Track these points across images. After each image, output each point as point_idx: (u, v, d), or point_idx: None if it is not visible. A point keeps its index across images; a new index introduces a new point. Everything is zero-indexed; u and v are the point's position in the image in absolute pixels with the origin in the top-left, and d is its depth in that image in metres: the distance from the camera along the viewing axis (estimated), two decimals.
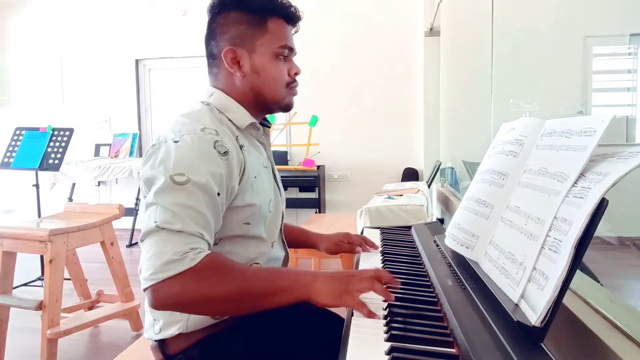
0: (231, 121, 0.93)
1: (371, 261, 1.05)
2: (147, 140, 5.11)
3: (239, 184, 0.87)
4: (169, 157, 0.79)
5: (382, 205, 1.82)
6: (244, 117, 0.94)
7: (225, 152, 0.83)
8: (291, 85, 0.98)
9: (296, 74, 0.98)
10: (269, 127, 1.07)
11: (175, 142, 0.81)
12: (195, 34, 4.74)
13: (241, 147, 0.89)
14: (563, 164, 0.63)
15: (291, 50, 0.97)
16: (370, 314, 0.70)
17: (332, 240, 1.18)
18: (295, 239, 1.21)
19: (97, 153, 4.95)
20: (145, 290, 0.72)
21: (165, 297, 0.71)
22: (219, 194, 0.81)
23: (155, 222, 0.74)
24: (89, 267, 2.72)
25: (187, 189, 0.77)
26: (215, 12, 0.95)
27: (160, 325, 0.89)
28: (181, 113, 0.91)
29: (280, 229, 1.04)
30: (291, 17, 0.97)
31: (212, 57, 0.96)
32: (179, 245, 0.72)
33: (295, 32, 1.01)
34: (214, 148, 0.81)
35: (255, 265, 0.93)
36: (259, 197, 0.91)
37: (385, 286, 0.76)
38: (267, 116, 1.05)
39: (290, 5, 0.96)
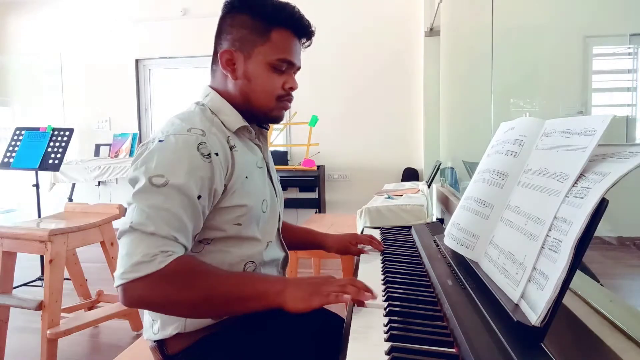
0: (223, 123, 0.92)
1: (372, 261, 1.05)
2: None
3: (227, 184, 0.86)
4: (152, 158, 0.80)
5: (382, 205, 1.82)
6: (236, 120, 0.93)
7: (208, 154, 0.82)
8: (283, 98, 0.95)
9: (291, 88, 0.95)
10: (267, 129, 1.07)
11: (160, 141, 0.82)
12: (195, 34, 4.74)
13: (232, 147, 0.89)
14: (563, 164, 0.63)
15: (291, 64, 0.94)
16: (343, 300, 0.72)
17: (341, 241, 1.18)
18: (302, 240, 1.21)
19: (97, 153, 4.95)
20: (116, 288, 0.74)
21: (133, 296, 0.73)
22: (199, 197, 0.80)
23: (131, 222, 0.75)
24: (89, 267, 2.72)
25: (164, 192, 0.77)
26: (226, 12, 0.94)
27: (159, 325, 0.89)
28: (174, 114, 0.92)
29: (278, 230, 1.04)
30: (301, 32, 0.94)
31: (214, 54, 0.96)
32: (149, 247, 0.73)
33: (307, 46, 0.98)
34: (197, 150, 0.81)
35: (250, 265, 0.93)
36: (250, 198, 0.91)
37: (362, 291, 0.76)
38: None
39: (301, 19, 0.94)
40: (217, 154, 0.84)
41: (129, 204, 0.78)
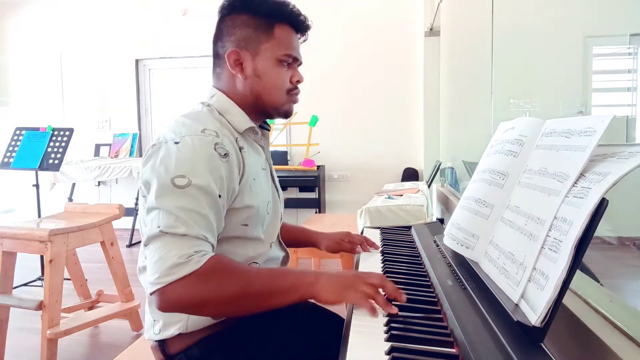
0: (230, 124, 0.92)
1: (371, 261, 1.05)
2: (147, 140, 5.12)
3: (239, 185, 0.87)
4: (170, 159, 0.79)
5: (382, 205, 1.82)
6: (243, 121, 0.94)
7: (225, 154, 0.83)
8: (292, 92, 0.97)
9: (298, 81, 0.98)
10: (268, 130, 1.07)
11: (176, 143, 0.81)
12: (195, 34, 4.74)
13: (240, 149, 0.89)
14: (563, 164, 0.63)
15: (295, 59, 0.97)
16: (373, 310, 0.71)
17: (333, 238, 1.18)
18: (296, 239, 1.22)
19: (97, 153, 4.95)
20: (152, 294, 0.73)
21: (172, 299, 0.73)
22: (220, 196, 0.81)
23: (159, 227, 0.75)
24: (89, 267, 2.72)
25: (188, 193, 0.77)
26: (224, 14, 0.95)
27: (160, 325, 0.89)
28: (182, 114, 0.91)
29: (278, 231, 1.04)
30: (299, 26, 0.97)
31: (217, 57, 0.96)
32: (183, 248, 0.73)
33: (304, 41, 1.00)
34: (215, 150, 0.81)
35: (254, 265, 0.93)
36: (257, 199, 0.91)
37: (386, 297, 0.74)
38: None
39: (300, 14, 0.96)
40: (231, 154, 0.84)
41: (152, 209, 0.77)
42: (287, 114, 1.00)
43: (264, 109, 0.97)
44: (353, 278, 0.76)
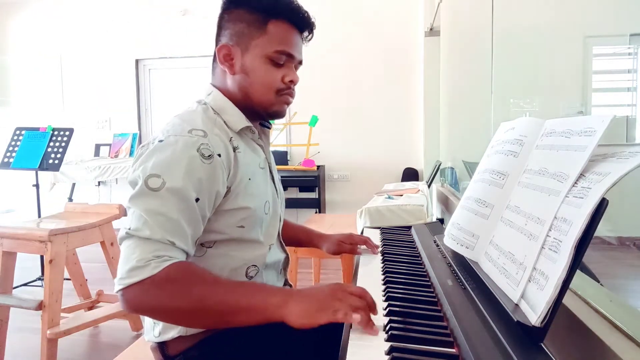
0: (226, 123, 0.91)
1: (371, 262, 1.05)
2: None
3: (230, 186, 0.85)
4: (150, 158, 0.79)
5: (382, 205, 1.82)
6: (239, 120, 0.92)
7: (209, 155, 0.81)
8: (283, 92, 0.92)
9: (291, 82, 0.92)
10: (269, 128, 1.07)
11: (160, 141, 0.81)
12: (195, 34, 4.74)
13: (235, 148, 0.88)
14: (563, 164, 0.63)
15: (291, 57, 0.92)
16: (348, 318, 0.65)
17: (334, 240, 1.17)
18: (298, 238, 1.21)
19: (97, 153, 4.95)
20: (116, 292, 0.73)
21: (131, 301, 0.72)
22: (198, 200, 0.79)
23: (129, 228, 0.75)
24: (89, 267, 2.72)
25: (160, 195, 0.76)
26: (224, 8, 0.94)
27: (160, 328, 0.89)
28: (175, 113, 0.90)
29: (278, 232, 1.03)
30: (299, 23, 0.92)
31: (214, 53, 0.95)
32: (143, 252, 0.72)
33: (309, 39, 0.97)
34: (197, 151, 0.80)
35: (252, 269, 0.93)
36: (253, 200, 0.90)
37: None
38: None
39: (299, 10, 0.92)
40: (219, 155, 0.83)
41: (128, 208, 0.78)
42: (277, 115, 0.95)
43: (253, 107, 0.93)
44: (328, 296, 0.69)
